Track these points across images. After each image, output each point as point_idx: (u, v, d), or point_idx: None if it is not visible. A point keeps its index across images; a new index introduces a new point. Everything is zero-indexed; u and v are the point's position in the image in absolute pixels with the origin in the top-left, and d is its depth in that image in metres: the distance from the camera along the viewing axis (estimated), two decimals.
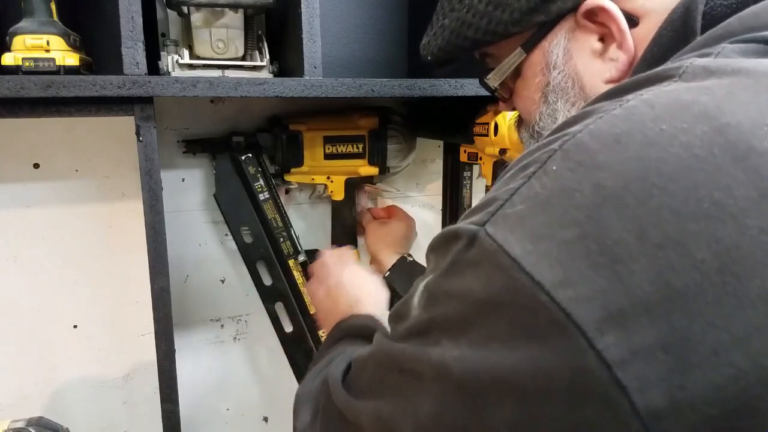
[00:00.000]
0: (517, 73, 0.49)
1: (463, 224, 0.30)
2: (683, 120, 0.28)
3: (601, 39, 0.43)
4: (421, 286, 0.34)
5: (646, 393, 0.25)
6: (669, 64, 0.33)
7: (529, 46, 0.46)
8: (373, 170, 0.96)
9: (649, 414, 0.25)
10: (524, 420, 0.27)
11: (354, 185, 0.98)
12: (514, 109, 0.54)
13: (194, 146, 0.90)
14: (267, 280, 0.96)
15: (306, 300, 0.96)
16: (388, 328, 0.39)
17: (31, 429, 0.67)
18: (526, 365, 0.27)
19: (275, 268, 0.95)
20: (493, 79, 0.51)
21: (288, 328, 0.98)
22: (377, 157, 0.95)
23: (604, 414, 0.25)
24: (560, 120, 0.44)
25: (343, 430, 0.42)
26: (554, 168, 0.29)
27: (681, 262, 0.25)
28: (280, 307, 0.97)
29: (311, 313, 0.96)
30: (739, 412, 0.25)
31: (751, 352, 0.24)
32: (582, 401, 0.26)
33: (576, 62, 0.44)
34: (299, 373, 1.00)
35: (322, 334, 0.97)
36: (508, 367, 0.27)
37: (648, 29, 0.40)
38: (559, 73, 0.45)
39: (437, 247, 0.33)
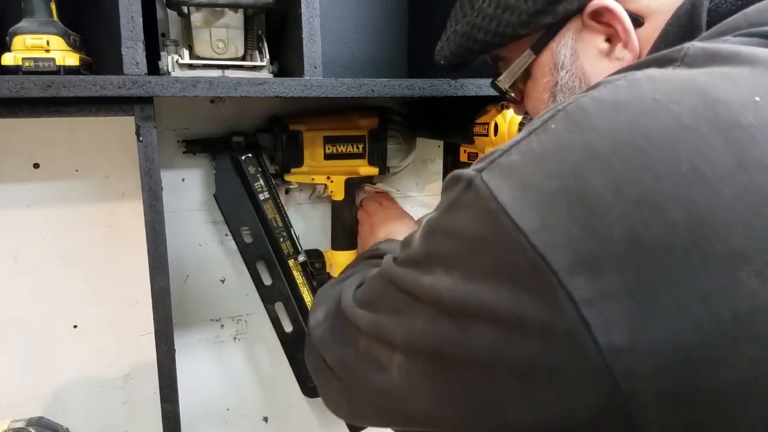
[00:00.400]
0: (527, 74, 0.51)
1: (466, 169, 0.34)
2: (678, 93, 0.29)
3: (608, 39, 0.44)
4: (424, 221, 0.38)
5: (608, 331, 0.27)
6: (675, 49, 0.34)
7: (538, 48, 0.48)
8: (373, 170, 0.96)
9: (609, 350, 0.27)
10: (501, 343, 0.30)
11: (354, 185, 0.98)
12: (526, 112, 0.55)
13: (194, 146, 0.90)
14: (267, 280, 0.96)
15: (306, 300, 0.96)
16: None
17: (31, 429, 0.67)
18: (505, 299, 0.30)
19: (275, 268, 0.95)
20: (504, 81, 0.52)
21: (288, 328, 0.98)
22: (377, 157, 0.95)
23: (569, 347, 0.28)
24: None
25: (345, 331, 0.46)
26: (553, 126, 0.32)
27: (654, 219, 0.27)
28: (280, 307, 0.97)
29: None
30: (696, 360, 0.26)
31: (711, 307, 0.26)
32: (551, 334, 0.28)
33: (583, 62, 0.45)
34: (299, 373, 1.01)
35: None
36: (490, 299, 0.30)
37: (653, 29, 0.41)
38: (566, 73, 0.46)
39: (444, 187, 0.36)
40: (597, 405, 0.28)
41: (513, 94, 0.54)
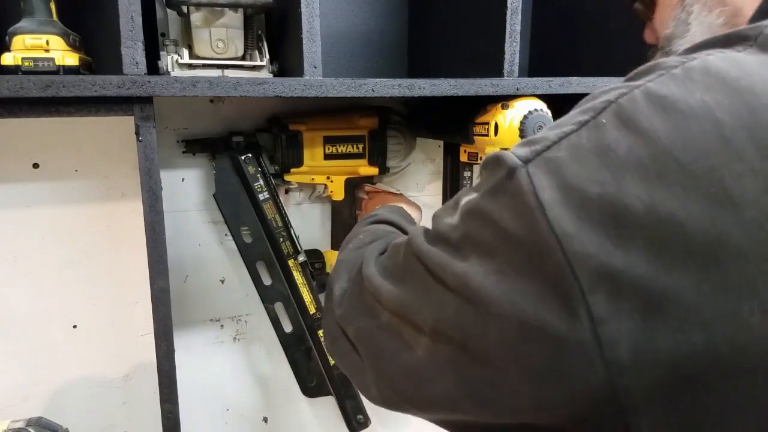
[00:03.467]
0: None
1: (512, 155, 0.33)
2: (726, 95, 0.28)
3: None
4: (464, 199, 0.36)
5: (615, 347, 0.27)
6: (754, 26, 0.33)
7: None
8: (373, 170, 0.95)
9: (614, 366, 0.28)
10: (520, 343, 0.31)
11: (354, 185, 0.98)
12: (655, 41, 0.54)
13: (194, 146, 0.90)
14: (267, 280, 0.96)
15: (305, 300, 0.96)
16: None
17: (30, 429, 0.67)
18: (530, 301, 0.30)
19: (275, 268, 0.95)
20: None
21: (288, 328, 0.98)
22: (377, 157, 0.95)
23: (578, 357, 0.28)
24: (693, 28, 0.45)
25: (366, 302, 0.44)
26: (603, 122, 0.31)
27: (675, 241, 0.27)
28: (279, 308, 0.97)
29: (311, 313, 0.96)
30: (690, 384, 0.27)
31: (710, 336, 0.27)
32: (564, 343, 0.29)
33: None
34: (299, 374, 1.01)
35: (322, 334, 0.97)
36: (517, 299, 0.30)
37: None
38: None
39: (487, 165, 0.35)
40: (598, 413, 0.29)
41: (646, 10, 0.53)
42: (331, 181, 0.96)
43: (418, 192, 1.11)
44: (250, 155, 0.89)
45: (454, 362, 0.35)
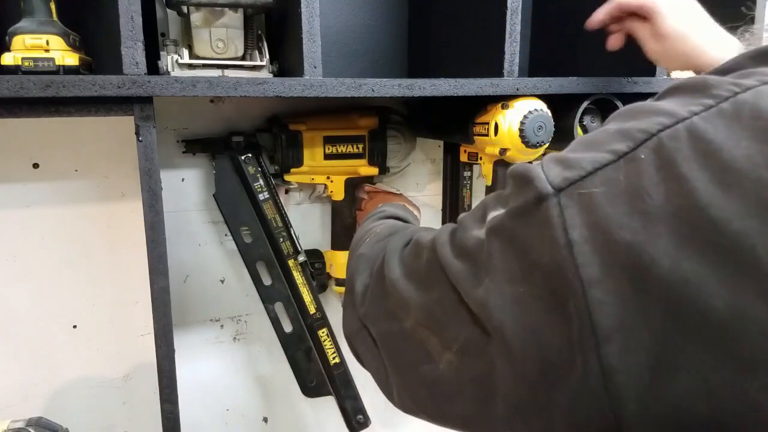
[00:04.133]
0: None
1: (543, 177, 0.31)
2: None
3: None
4: (492, 214, 0.35)
5: (624, 402, 0.27)
6: None
7: None
8: (373, 170, 0.95)
9: (623, 419, 0.27)
10: (534, 380, 0.30)
11: (354, 185, 0.98)
12: None
13: (194, 146, 0.90)
14: (267, 281, 0.96)
15: (305, 300, 0.96)
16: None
17: (30, 429, 0.67)
18: (549, 336, 0.29)
19: (275, 268, 0.95)
20: None
21: (288, 328, 0.98)
22: (377, 157, 0.95)
23: (590, 405, 0.28)
24: None
25: (391, 304, 0.43)
26: (642, 157, 0.28)
27: (693, 309, 0.26)
28: (279, 308, 0.97)
29: (311, 313, 0.96)
30: None
31: (715, 404, 0.26)
32: (577, 392, 0.29)
33: None
34: (299, 374, 1.00)
35: (322, 333, 0.97)
36: (534, 335, 0.30)
37: None
38: None
39: (516, 178, 0.33)
40: None
41: None
42: (331, 181, 0.96)
43: (418, 192, 1.11)
44: (250, 155, 0.89)
45: (473, 385, 0.35)
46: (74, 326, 0.92)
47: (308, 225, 1.04)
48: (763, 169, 0.25)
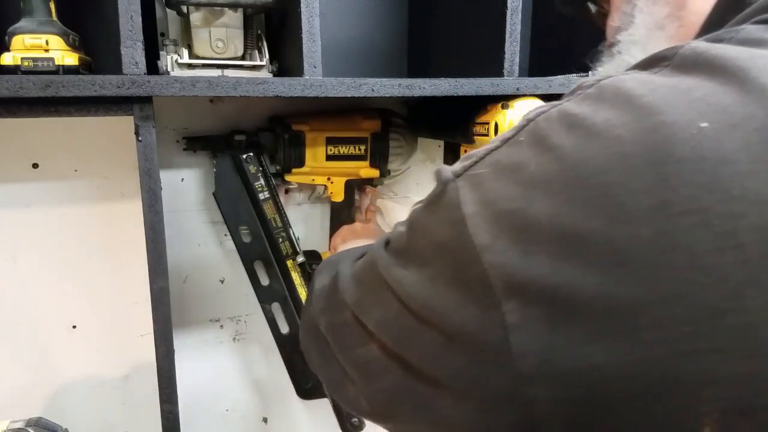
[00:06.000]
0: None
1: (448, 169, 0.35)
2: (629, 111, 0.30)
3: None
4: (412, 209, 0.39)
5: (525, 356, 0.28)
6: (675, 46, 0.33)
7: None
8: (374, 173, 0.95)
9: (522, 377, 0.28)
10: (442, 350, 0.32)
11: (354, 187, 0.97)
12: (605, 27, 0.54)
13: (195, 143, 0.89)
14: (264, 281, 0.96)
15: (303, 301, 0.96)
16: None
17: (30, 429, 0.67)
18: (453, 308, 0.32)
19: (273, 268, 0.94)
20: None
21: (284, 329, 0.98)
22: (378, 160, 0.94)
23: (494, 366, 0.30)
24: (636, 20, 0.46)
25: (336, 300, 0.47)
26: (521, 139, 0.33)
27: (574, 255, 0.28)
28: (276, 308, 0.97)
29: None
30: (593, 401, 0.27)
31: (609, 348, 0.27)
32: (480, 351, 0.30)
33: None
34: (295, 375, 1.00)
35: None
36: (442, 305, 0.32)
37: None
38: None
39: (435, 176, 0.37)
40: (509, 425, 0.30)
41: (603, 4, 0.53)
42: (332, 182, 0.96)
43: (418, 193, 1.11)
44: (251, 154, 0.89)
45: (393, 364, 0.37)
46: (74, 326, 0.92)
47: (308, 226, 1.04)
48: (619, 128, 0.29)
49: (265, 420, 1.08)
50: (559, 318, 0.28)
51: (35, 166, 0.86)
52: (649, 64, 0.34)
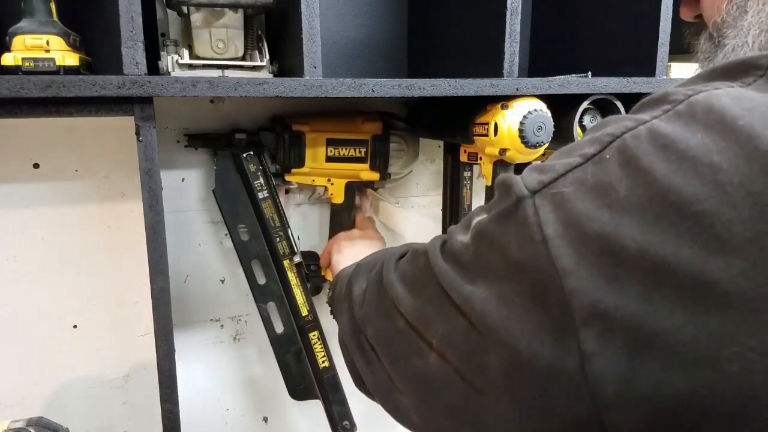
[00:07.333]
0: None
1: (521, 183, 0.34)
2: (725, 135, 0.28)
3: None
4: (476, 219, 0.38)
5: (602, 383, 0.28)
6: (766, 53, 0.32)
7: None
8: (374, 175, 0.95)
9: (601, 401, 0.28)
10: (513, 371, 0.32)
11: (354, 189, 0.97)
12: (697, 16, 0.51)
13: (196, 141, 0.90)
14: (261, 280, 0.95)
15: (298, 302, 0.95)
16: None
17: (31, 429, 0.67)
18: (528, 329, 0.31)
19: (270, 267, 0.94)
20: None
21: (279, 329, 0.97)
22: (379, 163, 0.94)
23: (568, 391, 0.29)
24: (749, 18, 0.43)
25: (385, 306, 0.46)
26: (608, 157, 0.31)
27: (665, 285, 0.27)
28: (272, 308, 0.96)
29: (303, 315, 0.95)
30: (674, 423, 0.27)
31: (691, 378, 0.27)
32: (555, 375, 0.30)
33: None
34: (288, 375, 0.99)
35: (313, 336, 0.96)
36: (513, 326, 0.32)
37: None
38: None
39: (499, 188, 0.36)
40: None
41: None
42: (332, 184, 0.96)
43: (418, 192, 1.11)
44: (251, 153, 0.89)
45: (460, 376, 0.36)
46: (74, 326, 0.92)
47: (307, 226, 1.04)
48: (715, 155, 0.27)
49: (265, 419, 1.08)
50: (640, 346, 0.28)
51: (36, 166, 0.86)
52: (741, 71, 0.32)
